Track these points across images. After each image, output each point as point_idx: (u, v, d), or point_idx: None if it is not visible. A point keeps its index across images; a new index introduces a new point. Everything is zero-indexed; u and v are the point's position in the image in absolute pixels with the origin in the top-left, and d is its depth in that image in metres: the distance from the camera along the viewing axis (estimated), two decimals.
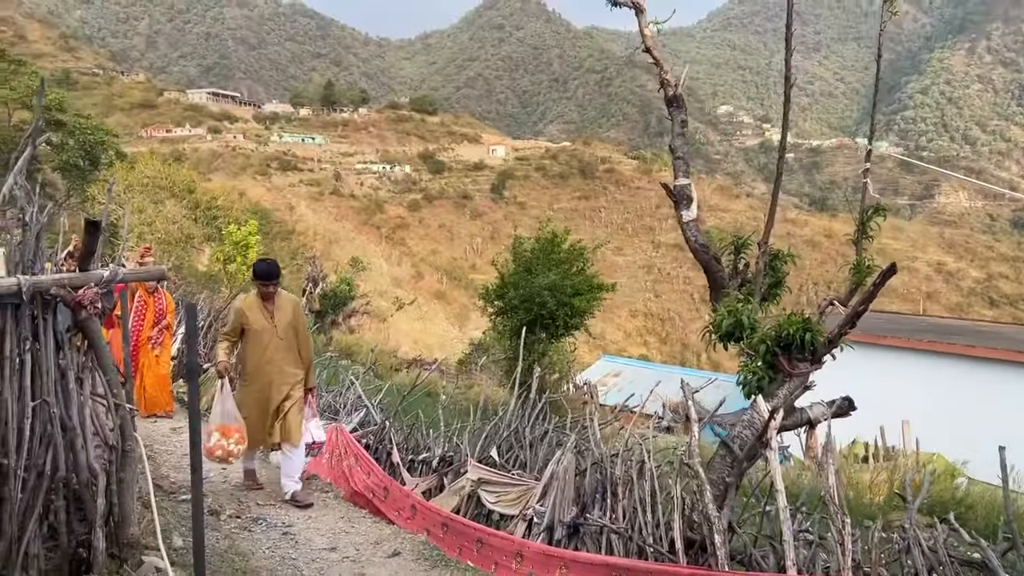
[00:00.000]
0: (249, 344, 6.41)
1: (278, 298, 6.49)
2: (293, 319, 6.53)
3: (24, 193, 4.15)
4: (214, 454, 5.95)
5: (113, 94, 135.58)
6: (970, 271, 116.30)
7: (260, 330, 6.37)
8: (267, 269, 6.43)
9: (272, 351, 6.39)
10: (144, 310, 9.72)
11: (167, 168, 32.58)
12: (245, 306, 6.47)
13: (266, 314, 6.40)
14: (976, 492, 8.27)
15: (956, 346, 16.64)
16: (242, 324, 6.40)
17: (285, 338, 6.42)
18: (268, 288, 6.38)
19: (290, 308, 6.57)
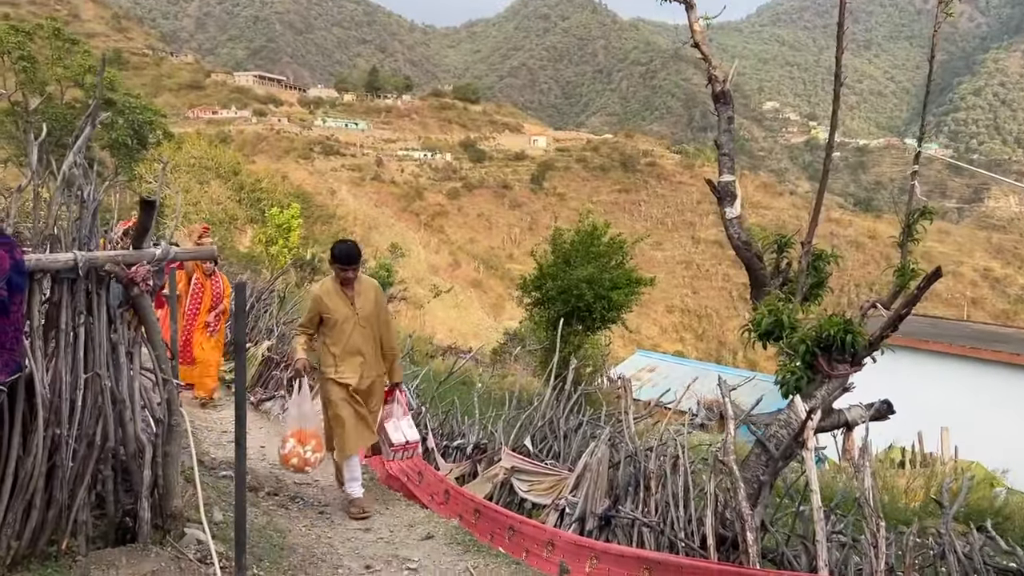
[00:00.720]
0: (329, 335, 5.84)
1: (358, 283, 5.90)
2: (376, 305, 5.94)
3: (82, 171, 4.27)
4: (289, 462, 5.54)
5: (162, 74, 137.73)
6: (1018, 278, 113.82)
7: (340, 319, 5.78)
8: (348, 251, 5.78)
9: (355, 341, 5.82)
10: (201, 293, 9.49)
11: (213, 149, 33.03)
12: (323, 292, 5.85)
13: (346, 300, 5.81)
14: (1015, 502, 8.15)
15: (1001, 354, 16.35)
16: (320, 313, 5.82)
17: (368, 326, 5.86)
18: (348, 272, 5.76)
19: (372, 293, 5.96)
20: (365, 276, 6.02)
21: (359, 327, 5.83)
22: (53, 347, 3.92)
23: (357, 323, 5.82)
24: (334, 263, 5.84)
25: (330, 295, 5.83)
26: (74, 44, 36.46)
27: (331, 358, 5.84)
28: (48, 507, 3.80)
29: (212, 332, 9.49)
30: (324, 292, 5.85)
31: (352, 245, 5.87)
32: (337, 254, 5.80)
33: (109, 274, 4.07)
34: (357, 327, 5.82)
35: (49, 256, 3.86)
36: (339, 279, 5.83)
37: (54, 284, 3.93)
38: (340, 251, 5.80)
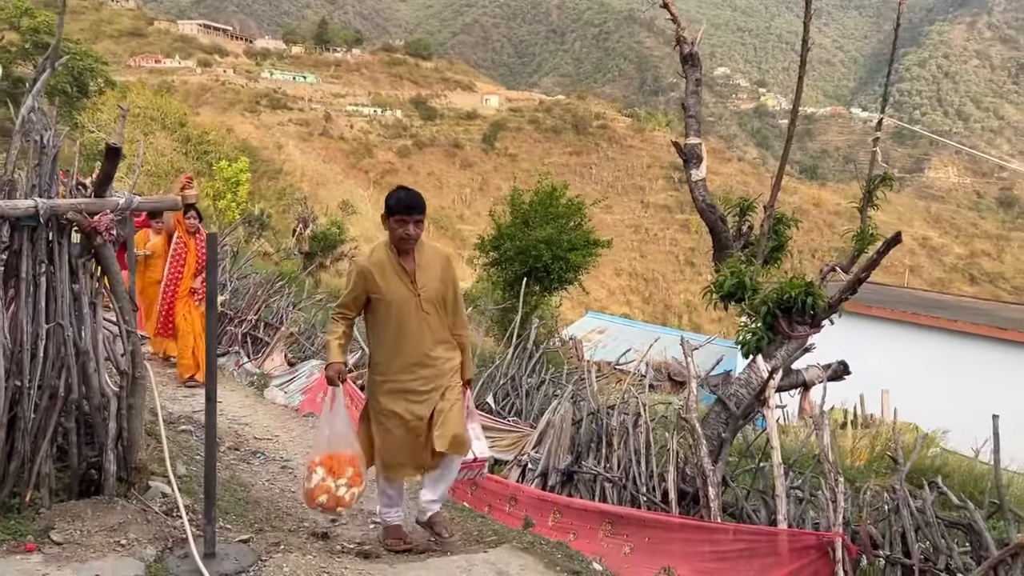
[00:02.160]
0: (380, 322, 4.30)
1: (421, 252, 4.32)
2: (443, 282, 4.37)
3: (41, 117, 4.14)
4: (316, 500, 4.22)
5: (102, 20, 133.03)
6: (954, 247, 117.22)
7: (396, 301, 4.24)
8: (411, 198, 4.22)
9: (416, 330, 4.26)
10: (184, 254, 8.24)
11: (159, 99, 32.14)
12: (372, 264, 4.26)
13: (404, 276, 4.25)
14: (953, 461, 8.50)
15: (939, 320, 16.90)
16: (367, 292, 4.26)
17: (432, 312, 4.29)
18: (408, 227, 4.16)
19: (438, 265, 4.37)
20: (429, 242, 4.39)
21: (421, 313, 4.26)
22: (13, 296, 3.84)
23: (419, 307, 4.26)
24: (390, 215, 4.22)
25: (382, 268, 4.24)
26: None
27: (380, 355, 4.34)
28: (9, 459, 3.74)
29: (200, 300, 8.16)
30: (374, 264, 4.25)
31: (415, 192, 4.30)
32: (396, 203, 4.20)
33: (71, 222, 3.98)
34: (418, 313, 4.25)
35: (9, 203, 3.75)
36: (396, 244, 4.24)
37: (14, 232, 3.83)
38: (401, 198, 4.21)
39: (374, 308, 4.31)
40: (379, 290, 4.24)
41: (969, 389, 15.24)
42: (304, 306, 11.44)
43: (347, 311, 4.39)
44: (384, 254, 4.30)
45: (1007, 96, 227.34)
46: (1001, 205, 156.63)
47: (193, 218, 8.24)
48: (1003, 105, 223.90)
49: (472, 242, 20.23)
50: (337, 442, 4.24)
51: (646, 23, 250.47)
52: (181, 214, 8.07)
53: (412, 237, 4.20)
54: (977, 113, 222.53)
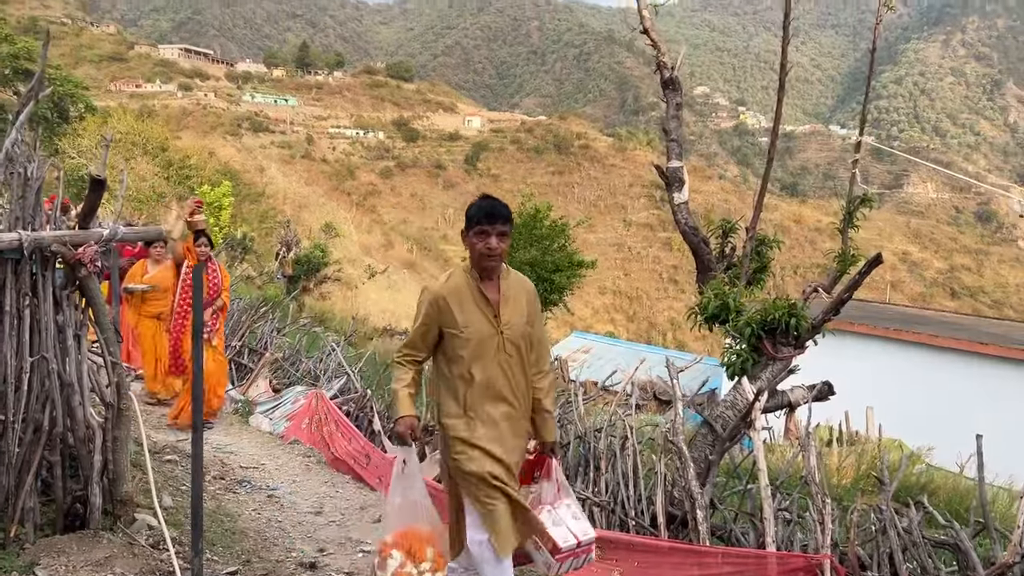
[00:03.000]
0: (451, 364, 3.56)
1: (506, 280, 3.62)
2: (528, 320, 3.64)
3: (26, 148, 4.13)
4: None
5: (82, 45, 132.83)
6: (934, 262, 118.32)
7: (476, 338, 3.49)
8: (492, 205, 3.52)
9: (498, 375, 3.52)
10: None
11: (140, 124, 32.06)
12: (447, 292, 3.53)
13: (487, 308, 3.52)
14: (939, 478, 8.54)
15: (921, 335, 17.01)
16: (441, 326, 3.54)
17: (515, 353, 3.56)
18: (490, 241, 3.43)
19: (523, 297, 3.67)
20: (514, 271, 3.73)
21: (504, 353, 3.53)
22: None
23: (500, 347, 3.53)
24: (468, 229, 3.52)
25: (460, 297, 3.52)
26: None
27: (457, 404, 3.54)
28: None
29: (209, 334, 7.59)
30: (450, 291, 3.53)
31: (499, 201, 3.59)
32: (478, 212, 3.49)
33: (55, 254, 3.97)
34: (501, 352, 3.53)
35: None
36: (478, 264, 3.51)
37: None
38: (483, 207, 3.51)
39: (446, 346, 3.53)
40: (455, 323, 3.47)
41: (952, 404, 15.35)
42: (289, 331, 11.40)
43: (416, 352, 3.59)
44: (463, 280, 3.54)
45: (982, 112, 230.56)
46: (979, 220, 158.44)
47: (204, 245, 7.56)
48: (979, 121, 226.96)
49: (456, 262, 20.21)
50: (412, 516, 3.52)
51: (626, 44, 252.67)
52: (191, 241, 7.50)
53: (495, 252, 3.44)
54: (954, 129, 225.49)
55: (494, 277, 3.56)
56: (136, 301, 8.33)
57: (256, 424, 8.14)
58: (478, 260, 3.50)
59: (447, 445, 3.50)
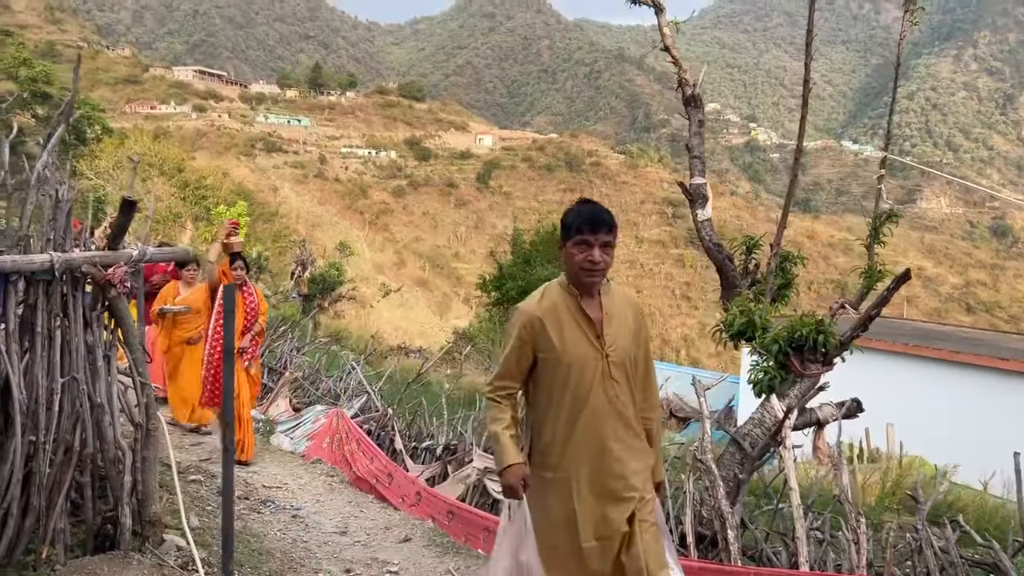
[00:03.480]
0: (548, 392, 3.08)
1: (608, 296, 3.14)
2: (636, 341, 3.16)
3: (56, 171, 4.17)
4: None
5: (98, 68, 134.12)
6: (949, 277, 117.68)
7: (577, 362, 3.03)
8: (594, 211, 3.09)
9: (599, 406, 3.03)
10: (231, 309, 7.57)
11: (156, 145, 32.34)
12: (543, 311, 3.08)
13: (588, 328, 3.06)
14: (966, 496, 8.44)
15: (941, 351, 16.88)
16: (536, 351, 3.07)
17: (623, 380, 3.07)
18: (592, 253, 3.00)
19: (630, 316, 3.18)
20: (616, 285, 3.25)
21: (608, 380, 3.03)
22: (28, 351, 3.82)
23: (605, 373, 3.03)
24: (566, 239, 3.09)
25: (557, 317, 3.06)
26: (7, 36, 35.45)
27: (546, 441, 3.08)
28: (25, 515, 3.70)
29: (248, 362, 7.27)
30: (546, 311, 3.07)
31: (599, 205, 3.17)
32: (572, 217, 3.09)
33: (85, 276, 3.99)
34: (604, 381, 3.03)
35: (24, 257, 3.75)
36: (577, 280, 3.06)
37: (29, 286, 3.83)
38: (578, 211, 3.10)
39: (541, 373, 3.07)
40: (552, 347, 3.01)
41: (973, 421, 15.20)
42: (308, 350, 11.41)
43: (510, 383, 3.10)
44: (559, 297, 3.09)
45: (995, 127, 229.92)
46: (994, 234, 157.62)
47: (240, 268, 7.17)
48: (992, 135, 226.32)
49: (468, 280, 20.26)
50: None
51: (636, 61, 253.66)
52: (227, 264, 7.11)
53: (598, 265, 2.99)
54: (966, 144, 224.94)
55: (595, 293, 3.09)
56: (168, 324, 8.01)
57: (277, 443, 8.14)
58: (577, 274, 3.04)
59: (538, 483, 3.04)
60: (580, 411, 3.01)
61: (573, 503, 2.99)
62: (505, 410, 3.09)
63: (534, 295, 3.17)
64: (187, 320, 7.97)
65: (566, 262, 3.09)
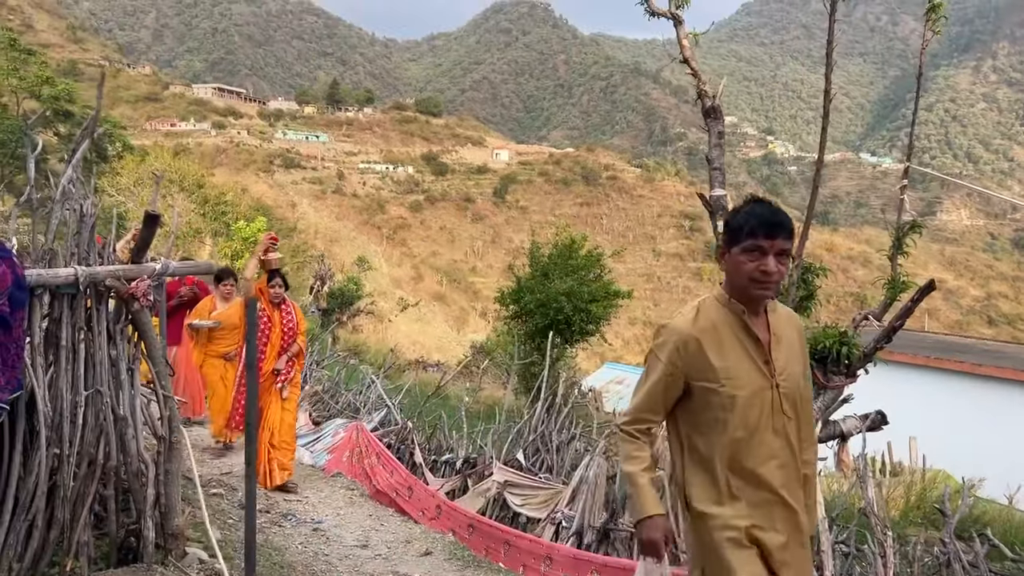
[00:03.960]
0: (707, 429, 2.61)
1: (774, 314, 2.69)
2: (804, 363, 2.73)
3: (81, 186, 4.21)
4: None
5: (119, 86, 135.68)
6: (970, 289, 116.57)
7: (745, 394, 2.56)
8: (773, 212, 2.61)
9: (770, 445, 2.57)
10: (268, 329, 6.77)
11: (177, 162, 32.66)
12: (700, 332, 2.62)
13: (754, 351, 2.61)
14: (993, 511, 8.33)
15: (964, 364, 16.71)
16: (688, 380, 2.62)
17: (794, 415, 2.61)
18: (767, 263, 2.54)
19: (795, 336, 2.73)
20: (780, 303, 2.80)
21: (780, 416, 2.57)
22: (52, 364, 3.85)
23: (776, 406, 2.57)
24: (734, 243, 2.61)
25: (718, 338, 2.60)
26: (30, 55, 35.90)
27: (715, 487, 2.58)
28: (49, 528, 3.72)
29: (283, 384, 6.84)
30: (702, 331, 2.60)
31: (776, 207, 2.66)
32: (744, 218, 2.60)
33: (109, 289, 4.02)
34: (776, 416, 2.57)
35: (50, 271, 3.79)
36: (744, 294, 2.60)
37: (53, 300, 3.86)
38: (753, 212, 2.61)
39: (694, 406, 2.60)
40: (712, 374, 2.54)
41: (997, 434, 15.02)
42: (327, 364, 11.44)
43: (651, 417, 2.66)
44: (718, 314, 2.62)
45: (1015, 138, 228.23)
46: (1016, 246, 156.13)
47: (278, 286, 6.89)
48: (1012, 147, 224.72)
49: (485, 295, 20.28)
50: None
51: (652, 75, 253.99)
52: (264, 281, 6.83)
53: (772, 277, 2.52)
54: (986, 155, 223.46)
55: (761, 310, 2.62)
56: (202, 340, 7.78)
57: (298, 457, 8.13)
58: (745, 287, 2.55)
59: (700, 533, 2.59)
60: (745, 453, 2.51)
61: (732, 562, 2.48)
62: (643, 448, 2.65)
63: (685, 312, 2.69)
64: (223, 335, 7.73)
65: (731, 272, 2.62)
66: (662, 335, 2.66)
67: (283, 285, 6.96)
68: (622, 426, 2.73)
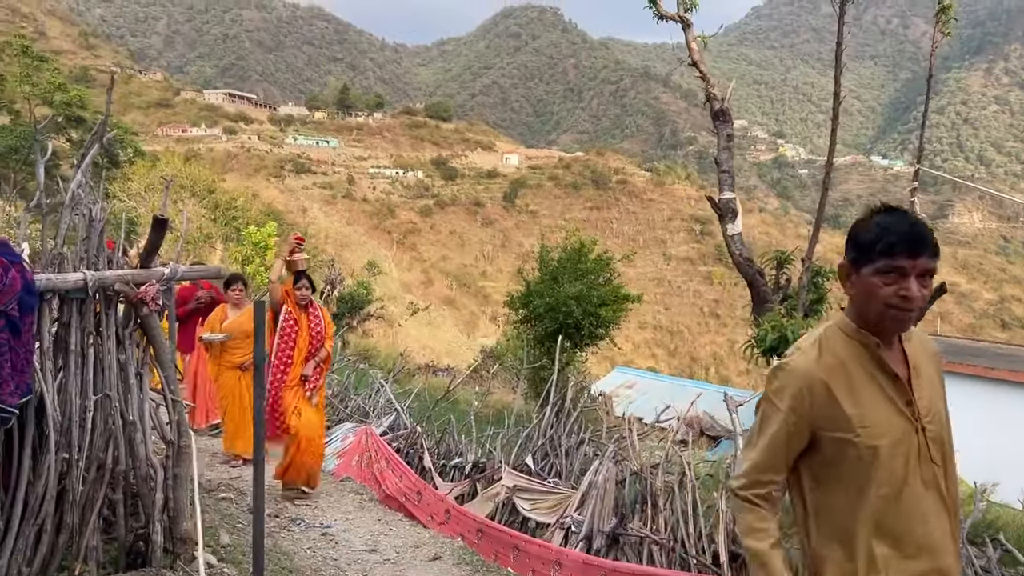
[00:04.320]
0: (847, 488, 2.12)
1: (908, 341, 2.22)
2: (944, 394, 2.27)
3: (90, 191, 4.22)
4: None
5: (130, 92, 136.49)
6: (983, 292, 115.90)
7: (887, 443, 2.09)
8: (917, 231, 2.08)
9: (920, 501, 2.10)
10: (295, 334, 6.51)
11: (188, 167, 32.81)
12: (826, 372, 2.14)
13: (893, 391, 2.14)
14: (1006, 515, 8.25)
15: (977, 368, 16.59)
16: (814, 430, 2.14)
17: (942, 459, 2.15)
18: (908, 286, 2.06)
19: (933, 368, 2.25)
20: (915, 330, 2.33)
21: (928, 464, 2.14)
22: (62, 368, 3.86)
23: (924, 451, 2.14)
24: (864, 262, 2.13)
25: (847, 376, 2.15)
26: (42, 62, 36.11)
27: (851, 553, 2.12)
28: (58, 532, 3.73)
29: (311, 392, 6.62)
30: (830, 370, 2.16)
31: (916, 219, 2.14)
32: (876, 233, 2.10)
33: (118, 294, 4.03)
34: (923, 465, 2.13)
35: (59, 276, 3.80)
36: (879, 324, 2.14)
37: (63, 304, 3.88)
38: (889, 226, 2.10)
39: (827, 461, 2.15)
40: (845, 423, 2.10)
41: (1010, 438, 14.90)
42: (337, 368, 11.45)
43: (774, 476, 2.20)
44: (845, 347, 2.17)
45: None
46: None
47: (305, 288, 6.61)
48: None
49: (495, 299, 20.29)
50: None
51: (662, 79, 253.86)
52: (290, 284, 6.58)
53: (913, 304, 2.07)
54: (999, 158, 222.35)
55: (894, 340, 2.18)
56: (216, 350, 7.59)
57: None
58: (881, 315, 2.11)
59: None
60: (892, 515, 2.08)
61: None
62: (768, 518, 2.19)
63: (805, 347, 2.23)
64: (237, 345, 7.47)
65: (861, 297, 2.15)
66: (779, 378, 2.20)
67: (310, 287, 6.69)
68: (738, 491, 2.25)
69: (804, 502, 2.22)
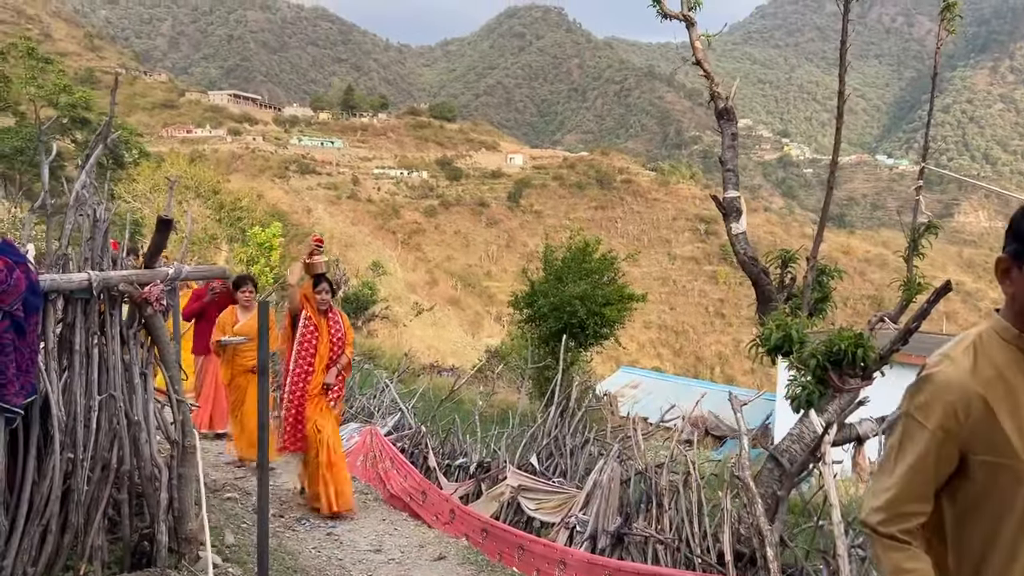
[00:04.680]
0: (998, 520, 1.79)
1: None
2: None
3: (94, 192, 4.23)
4: None
5: (135, 93, 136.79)
6: (989, 291, 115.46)
7: None
8: None
9: None
10: (315, 341, 6.23)
11: (192, 168, 32.86)
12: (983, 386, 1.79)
13: None
14: None
15: None
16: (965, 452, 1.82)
17: None
18: None
19: None
20: None
21: None
22: (66, 368, 3.86)
23: None
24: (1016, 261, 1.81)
25: (1008, 391, 1.79)
26: (48, 64, 36.20)
27: None
28: (63, 532, 3.73)
29: (334, 401, 6.37)
30: (987, 383, 1.79)
31: None
32: None
33: (122, 294, 4.03)
34: None
35: (64, 276, 3.81)
36: None
37: (67, 305, 3.88)
38: None
39: (977, 489, 1.85)
40: (1006, 446, 1.78)
41: None
42: None
43: (918, 507, 1.87)
44: (1006, 356, 1.84)
45: None
46: None
47: (325, 292, 6.33)
48: None
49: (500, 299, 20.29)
50: None
51: (666, 78, 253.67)
52: (310, 287, 6.32)
53: None
54: (1004, 156, 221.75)
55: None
56: (228, 353, 7.43)
57: None
58: None
59: None
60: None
61: None
62: (919, 556, 1.85)
63: (956, 355, 1.87)
64: (249, 348, 7.23)
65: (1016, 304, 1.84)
66: (925, 391, 1.85)
67: (330, 291, 6.40)
68: (878, 527, 1.88)
69: (942, 537, 1.90)
